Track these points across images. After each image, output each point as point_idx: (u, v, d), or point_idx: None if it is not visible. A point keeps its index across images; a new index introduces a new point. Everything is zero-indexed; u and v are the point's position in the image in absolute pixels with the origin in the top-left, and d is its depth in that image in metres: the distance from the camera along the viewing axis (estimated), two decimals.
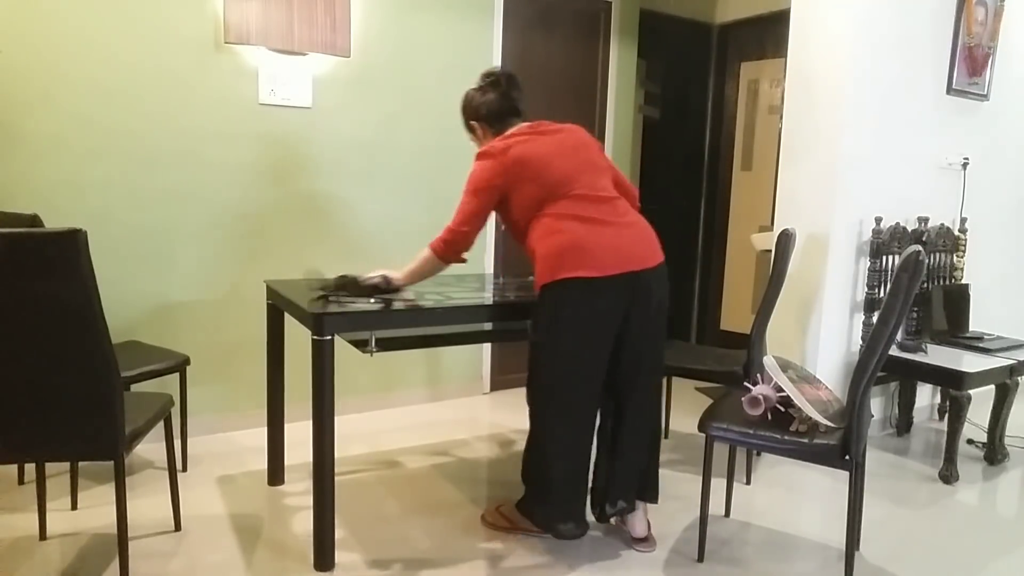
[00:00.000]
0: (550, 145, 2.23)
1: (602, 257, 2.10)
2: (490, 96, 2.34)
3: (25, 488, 2.59)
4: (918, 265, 1.92)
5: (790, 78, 3.30)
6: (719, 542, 2.41)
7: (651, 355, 2.27)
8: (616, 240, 2.15)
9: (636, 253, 2.16)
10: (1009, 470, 3.16)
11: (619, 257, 2.12)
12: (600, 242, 2.12)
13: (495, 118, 2.34)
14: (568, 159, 2.21)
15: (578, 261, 2.10)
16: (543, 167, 2.18)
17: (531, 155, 2.19)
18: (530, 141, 2.22)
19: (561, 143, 2.25)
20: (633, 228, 2.21)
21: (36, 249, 1.73)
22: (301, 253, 3.34)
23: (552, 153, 2.21)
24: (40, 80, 2.73)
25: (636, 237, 2.20)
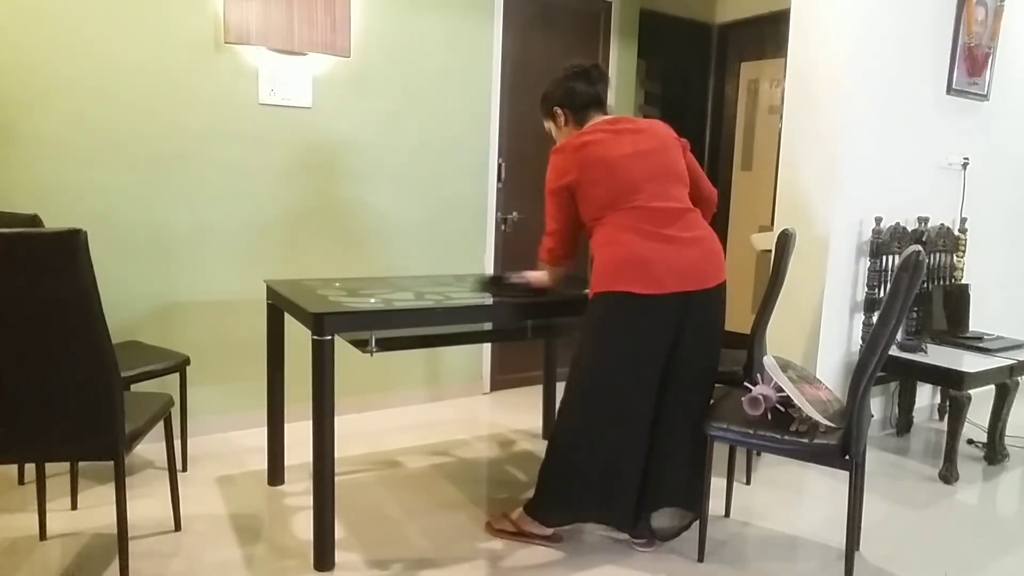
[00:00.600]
0: (625, 147, 2.17)
1: (657, 275, 2.07)
2: (579, 84, 2.29)
3: (25, 488, 2.59)
4: (918, 265, 1.92)
5: (790, 78, 3.30)
6: (719, 542, 2.41)
7: (700, 372, 2.24)
8: (675, 258, 2.11)
9: (694, 273, 2.13)
10: (1009, 470, 3.16)
11: (675, 276, 2.09)
12: (658, 259, 2.09)
13: (580, 106, 2.29)
14: (641, 164, 2.15)
15: (632, 276, 2.08)
16: (613, 170, 2.14)
17: (603, 155, 2.15)
18: (606, 140, 2.17)
19: (637, 145, 2.18)
20: (696, 246, 2.16)
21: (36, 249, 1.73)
22: (301, 253, 3.34)
23: (625, 156, 2.15)
24: (40, 80, 2.73)
25: (697, 256, 2.15)
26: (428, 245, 3.70)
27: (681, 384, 2.21)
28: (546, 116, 2.39)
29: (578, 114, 2.29)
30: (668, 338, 2.15)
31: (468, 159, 3.77)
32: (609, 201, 2.14)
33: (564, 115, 2.32)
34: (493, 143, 3.84)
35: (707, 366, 2.28)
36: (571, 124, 2.31)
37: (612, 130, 2.20)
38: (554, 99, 2.33)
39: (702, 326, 2.18)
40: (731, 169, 4.92)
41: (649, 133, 2.23)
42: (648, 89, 4.93)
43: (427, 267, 3.67)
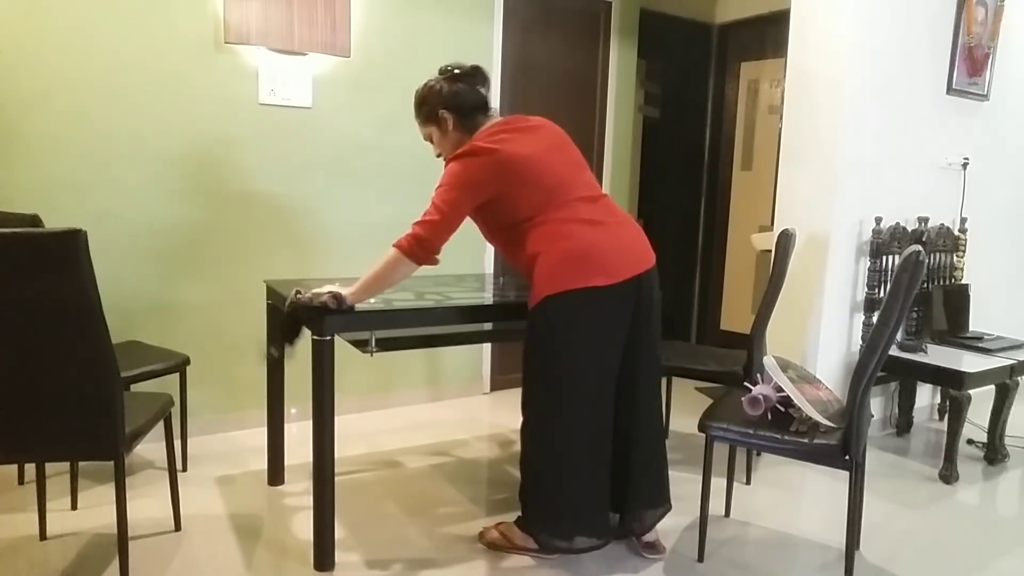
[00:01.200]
0: (537, 144, 2.10)
1: (613, 263, 2.03)
2: (462, 86, 2.16)
3: (25, 488, 2.59)
4: (918, 265, 1.92)
5: (790, 78, 3.30)
6: (719, 542, 2.41)
7: (652, 356, 2.23)
8: (619, 242, 2.08)
9: (638, 255, 2.12)
10: (1009, 470, 3.16)
11: (626, 261, 2.07)
12: (609, 246, 2.05)
13: (468, 110, 2.15)
14: (559, 158, 2.12)
15: (591, 269, 2.01)
16: (540, 168, 2.06)
17: (524, 155, 2.05)
18: (516, 140, 2.07)
19: (546, 141, 2.13)
20: (628, 227, 2.15)
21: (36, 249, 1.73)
22: (301, 253, 3.34)
23: (543, 152, 2.09)
24: (40, 80, 2.73)
25: (634, 237, 2.15)
26: None
27: (639, 373, 2.18)
28: (427, 121, 2.22)
29: (466, 119, 2.15)
30: (626, 326, 2.11)
31: None
32: (545, 199, 2.05)
33: (451, 120, 2.16)
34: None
35: (656, 354, 2.24)
36: (458, 130, 2.16)
37: (514, 129, 2.10)
38: (438, 102, 2.16)
39: (651, 309, 2.16)
40: (731, 169, 4.92)
41: (548, 129, 2.18)
42: (648, 89, 4.93)
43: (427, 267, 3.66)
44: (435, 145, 2.26)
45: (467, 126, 2.16)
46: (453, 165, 2.09)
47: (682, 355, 3.15)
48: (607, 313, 2.06)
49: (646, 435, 2.23)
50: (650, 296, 2.15)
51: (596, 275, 2.01)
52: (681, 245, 5.08)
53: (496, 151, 2.04)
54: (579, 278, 2.01)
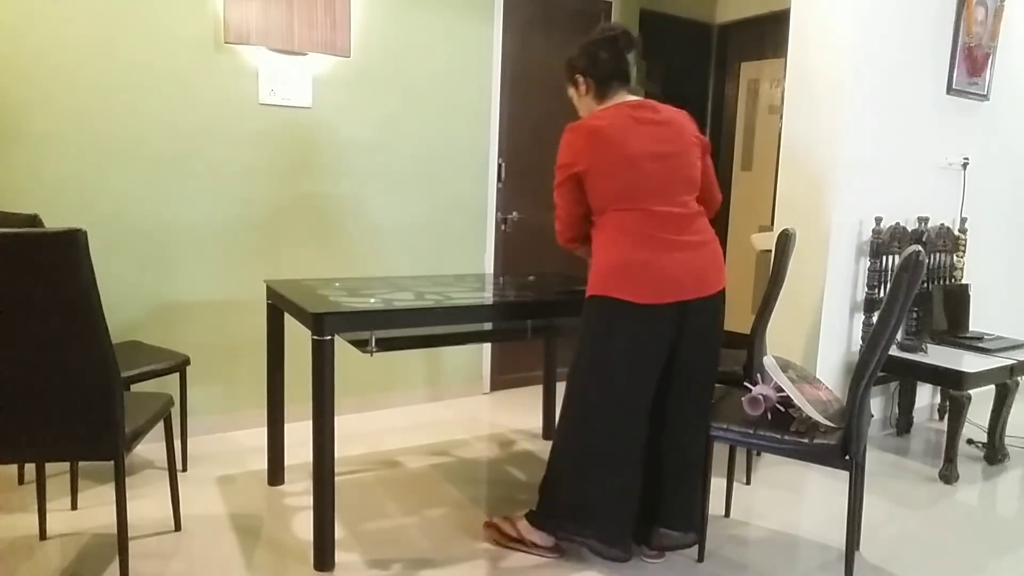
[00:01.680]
0: (644, 141, 2.05)
1: (655, 284, 2.01)
2: (604, 52, 2.14)
3: (25, 488, 2.59)
4: (918, 265, 1.92)
5: (790, 78, 3.30)
6: (719, 542, 2.41)
7: (699, 384, 2.19)
8: (677, 266, 2.04)
9: (694, 281, 2.06)
10: (1009, 470, 3.16)
11: (673, 285, 2.03)
12: (657, 267, 2.02)
13: (603, 77, 2.15)
14: (656, 166, 2.05)
15: (628, 284, 2.01)
16: (627, 166, 2.03)
17: (620, 147, 2.03)
18: (625, 128, 2.05)
19: (657, 142, 2.06)
20: (700, 252, 2.09)
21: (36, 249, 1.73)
22: (301, 253, 3.34)
23: (643, 154, 2.04)
24: (40, 80, 2.73)
25: (700, 263, 2.08)
26: (428, 245, 3.70)
27: (680, 396, 2.16)
28: (568, 82, 2.26)
29: (600, 86, 2.15)
30: (665, 348, 2.09)
31: (468, 159, 3.77)
32: (616, 197, 2.05)
33: (586, 84, 2.18)
34: (493, 143, 3.84)
35: (706, 378, 2.21)
36: (591, 95, 2.18)
37: (633, 117, 2.07)
38: (577, 66, 2.19)
39: (700, 336, 2.11)
40: (731, 169, 4.91)
41: (672, 128, 2.11)
42: (648, 89, 4.88)
43: (427, 267, 3.67)
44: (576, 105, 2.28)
45: (600, 93, 2.17)
46: (563, 138, 2.14)
47: None
48: (639, 330, 2.05)
49: (681, 459, 2.20)
50: (700, 324, 2.10)
51: (631, 290, 2.01)
52: None
53: (595, 132, 2.06)
54: (613, 288, 2.03)
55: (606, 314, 2.06)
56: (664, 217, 2.05)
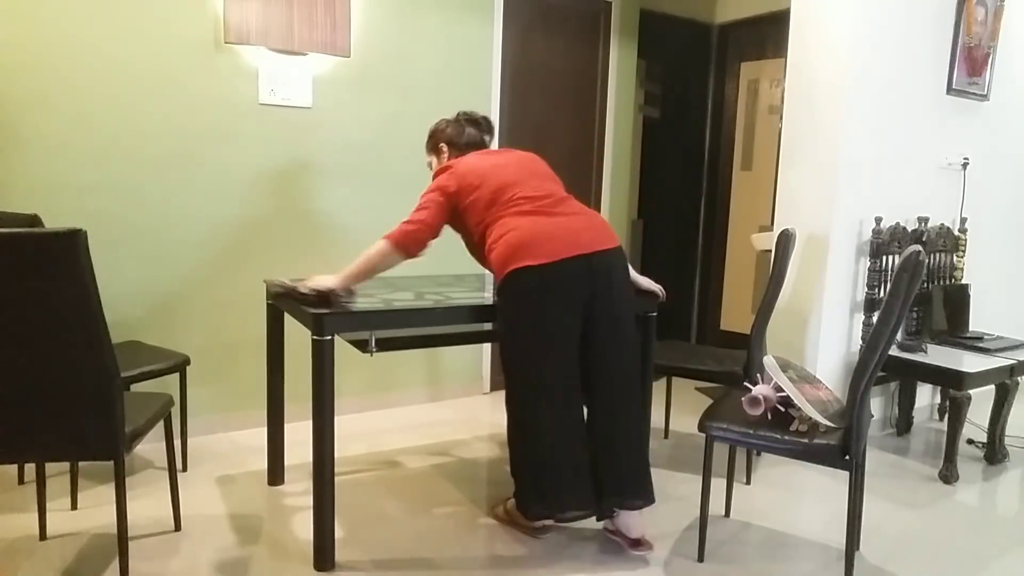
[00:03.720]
0: (495, 157, 2.40)
1: (550, 244, 2.15)
2: (470, 129, 2.56)
3: (25, 488, 2.59)
4: (918, 265, 1.92)
5: (790, 78, 3.30)
6: (719, 542, 2.41)
7: (623, 342, 2.26)
8: (564, 228, 2.19)
9: (586, 238, 2.20)
10: (1009, 470, 3.16)
11: (568, 243, 2.16)
12: (547, 231, 2.17)
13: (464, 146, 2.53)
14: (512, 168, 2.34)
15: (527, 251, 2.14)
16: (488, 174, 2.31)
17: (476, 168, 2.34)
18: (473, 159, 2.40)
19: (505, 156, 2.42)
20: (582, 216, 2.27)
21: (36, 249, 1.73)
22: (301, 253, 3.34)
23: (496, 163, 2.35)
24: (40, 80, 2.73)
25: (585, 224, 2.24)
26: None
27: (605, 361, 2.23)
28: (430, 151, 2.60)
29: (461, 153, 2.50)
30: (579, 306, 2.18)
31: None
32: (490, 200, 2.27)
33: (448, 152, 2.53)
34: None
35: (629, 337, 2.28)
36: (451, 159, 2.50)
37: (479, 155, 2.45)
38: (442, 137, 2.56)
39: (610, 290, 2.22)
40: (731, 169, 4.92)
41: (512, 154, 2.45)
42: (648, 89, 4.93)
43: (427, 267, 3.67)
44: (431, 169, 2.55)
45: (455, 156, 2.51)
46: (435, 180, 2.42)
47: (682, 355, 3.15)
48: (549, 292, 2.15)
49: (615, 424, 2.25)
50: (607, 277, 2.21)
51: (531, 256, 2.14)
52: (681, 245, 5.08)
53: (453, 166, 2.38)
54: (516, 260, 2.15)
55: (515, 287, 2.17)
56: (536, 199, 2.26)
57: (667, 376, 3.19)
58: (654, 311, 2.64)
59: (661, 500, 2.70)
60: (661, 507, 2.63)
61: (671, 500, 2.71)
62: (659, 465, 3.04)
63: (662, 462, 3.09)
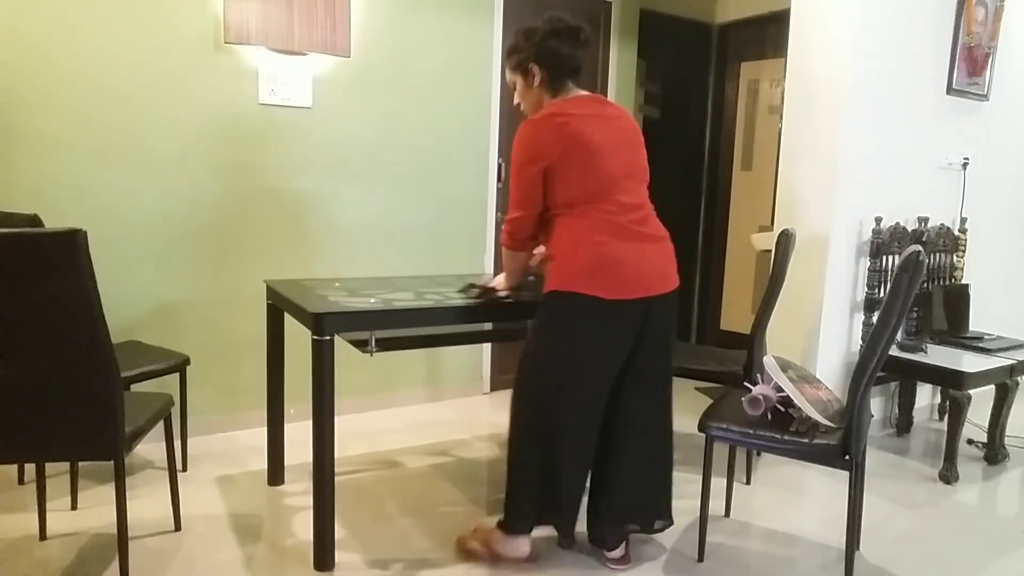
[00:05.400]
0: (610, 132, 2.02)
1: (625, 279, 1.98)
2: (564, 45, 2.03)
3: (25, 488, 2.59)
4: (918, 265, 1.92)
5: (790, 78, 3.30)
6: (719, 542, 2.41)
7: (659, 375, 2.17)
8: (642, 260, 2.02)
9: (658, 276, 2.06)
10: (1009, 470, 3.16)
11: (641, 280, 2.01)
12: (627, 261, 1.99)
13: (560, 71, 2.05)
14: (620, 156, 2.03)
15: (600, 279, 1.97)
16: (596, 158, 1.97)
17: (589, 139, 1.96)
18: (591, 120, 2.00)
19: (620, 133, 2.05)
20: (660, 246, 2.10)
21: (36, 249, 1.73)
22: (301, 253, 3.34)
23: (611, 144, 2.01)
24: (40, 80, 2.73)
25: (662, 258, 2.09)
26: (428, 245, 3.69)
27: (638, 391, 2.13)
28: (515, 70, 2.10)
29: (555, 80, 2.05)
30: (628, 345, 2.06)
31: (468, 159, 3.77)
32: (585, 192, 1.99)
33: (539, 76, 2.05)
34: (493, 143, 3.84)
35: (665, 373, 2.20)
36: (543, 88, 2.07)
37: (597, 113, 2.03)
38: (531, 55, 2.04)
39: (661, 332, 2.10)
40: (731, 169, 4.92)
41: (625, 123, 2.11)
42: (648, 89, 4.93)
43: (427, 267, 3.67)
44: (517, 94, 2.17)
45: (554, 86, 2.07)
46: (520, 134, 2.03)
47: (682, 355, 3.15)
48: (607, 326, 2.01)
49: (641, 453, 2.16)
50: (660, 320, 2.09)
51: (603, 287, 1.97)
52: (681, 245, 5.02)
53: (565, 123, 1.96)
54: (584, 284, 1.98)
55: (572, 310, 2.00)
56: (630, 209, 2.03)
57: None
58: None
59: None
60: None
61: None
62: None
63: None
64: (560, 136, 1.96)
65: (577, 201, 2.01)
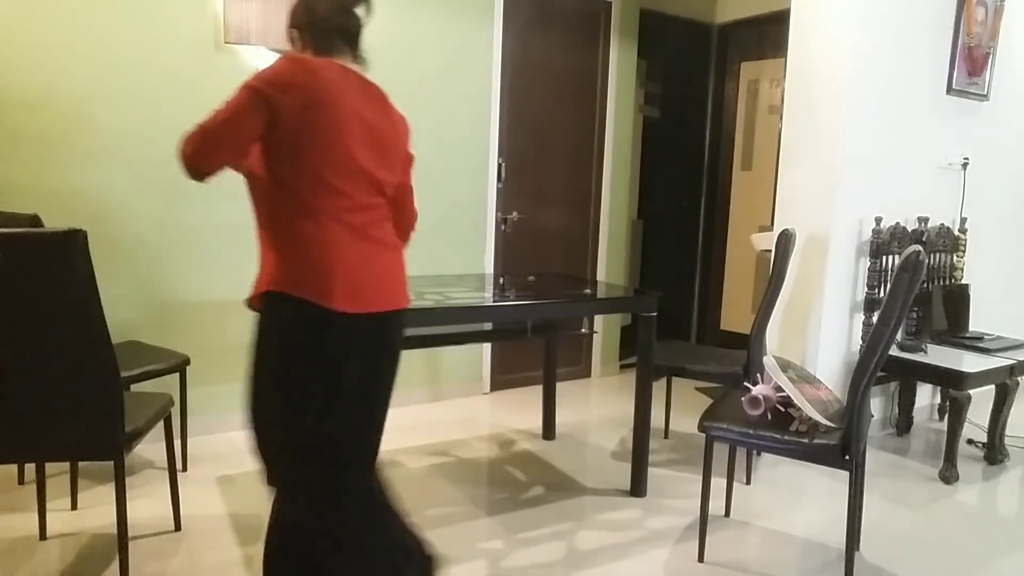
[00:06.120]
0: (370, 114, 1.69)
1: (363, 288, 1.63)
2: (322, 5, 1.73)
3: (25, 488, 2.59)
4: (918, 265, 1.92)
5: (790, 78, 3.30)
6: (719, 542, 2.41)
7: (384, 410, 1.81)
8: (379, 269, 1.69)
9: (392, 288, 1.73)
10: (1009, 470, 3.16)
11: (378, 291, 1.67)
12: (365, 269, 1.65)
13: (327, 32, 1.73)
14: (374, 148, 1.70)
15: (335, 286, 1.58)
16: (344, 132, 1.60)
17: (343, 106, 1.61)
18: (354, 90, 1.68)
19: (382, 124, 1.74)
20: (395, 256, 1.78)
21: (36, 249, 1.73)
22: None
23: (366, 127, 1.67)
24: (40, 80, 2.73)
25: (398, 271, 1.78)
26: (428, 245, 3.70)
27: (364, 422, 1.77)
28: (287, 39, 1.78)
29: (320, 44, 1.73)
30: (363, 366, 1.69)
31: (468, 159, 3.77)
32: (319, 171, 1.58)
33: (303, 42, 1.73)
34: (493, 143, 3.84)
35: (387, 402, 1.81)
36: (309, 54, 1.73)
37: (363, 92, 1.71)
38: (296, 18, 1.75)
39: (392, 355, 1.78)
40: (731, 169, 4.92)
41: (397, 119, 1.84)
42: (648, 89, 4.93)
43: (427, 267, 3.67)
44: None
45: (320, 52, 1.73)
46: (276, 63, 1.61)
47: (682, 355, 3.15)
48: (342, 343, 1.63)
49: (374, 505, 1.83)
50: (392, 339, 1.77)
51: (338, 295, 1.58)
52: (681, 245, 5.08)
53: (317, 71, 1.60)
54: (314, 289, 1.58)
55: (291, 315, 1.60)
56: (369, 209, 1.69)
57: (667, 376, 3.19)
58: (654, 311, 2.64)
59: (661, 499, 2.70)
60: (661, 507, 2.63)
61: (671, 500, 2.71)
62: (659, 465, 3.04)
63: (662, 462, 3.09)
64: (310, 81, 1.58)
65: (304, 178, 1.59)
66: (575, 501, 2.68)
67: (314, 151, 1.59)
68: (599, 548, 2.34)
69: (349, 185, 1.64)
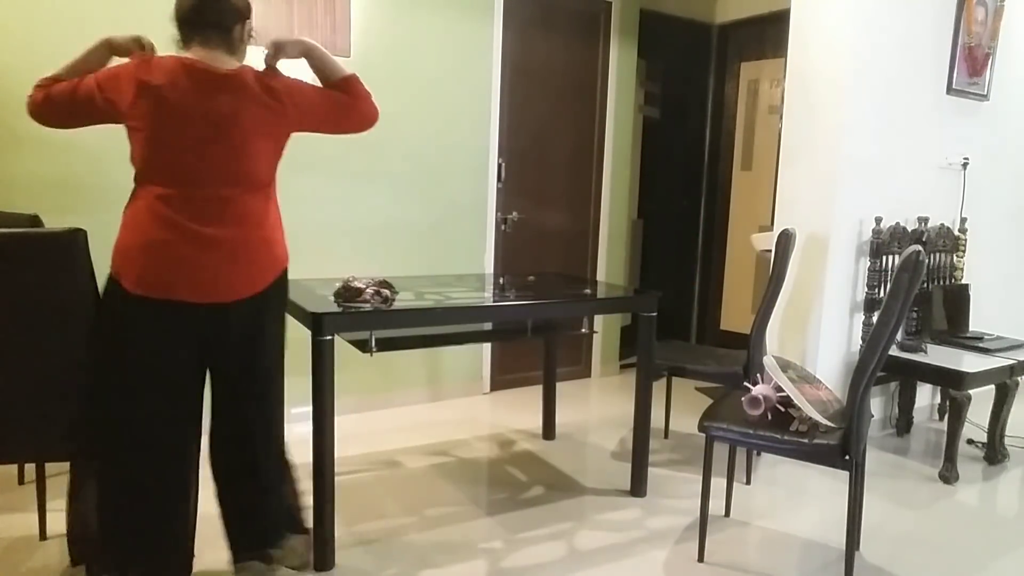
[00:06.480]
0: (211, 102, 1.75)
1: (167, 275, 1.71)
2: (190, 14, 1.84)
3: (25, 488, 2.59)
4: (918, 265, 1.92)
5: (790, 78, 3.30)
6: (719, 542, 2.41)
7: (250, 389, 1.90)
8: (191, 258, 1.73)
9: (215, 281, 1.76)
10: (1009, 470, 3.16)
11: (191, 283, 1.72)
12: (175, 257, 1.72)
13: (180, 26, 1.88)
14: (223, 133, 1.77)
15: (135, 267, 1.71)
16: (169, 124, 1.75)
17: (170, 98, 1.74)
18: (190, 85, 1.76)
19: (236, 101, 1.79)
20: (224, 248, 1.76)
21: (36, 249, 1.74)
22: (300, 252, 3.32)
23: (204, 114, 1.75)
24: None
25: (220, 262, 1.76)
26: (428, 245, 3.70)
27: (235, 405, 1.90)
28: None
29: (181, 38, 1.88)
30: (188, 352, 1.78)
31: (468, 159, 3.77)
32: (143, 161, 1.82)
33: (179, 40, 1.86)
34: (493, 143, 3.84)
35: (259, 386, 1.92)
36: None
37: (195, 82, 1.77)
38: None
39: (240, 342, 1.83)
40: (731, 169, 4.92)
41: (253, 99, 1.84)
42: (648, 89, 4.93)
43: (427, 267, 3.67)
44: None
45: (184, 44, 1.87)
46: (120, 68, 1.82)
47: (682, 355, 3.15)
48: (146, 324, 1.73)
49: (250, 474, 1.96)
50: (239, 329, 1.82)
51: (134, 277, 1.70)
52: (681, 245, 5.08)
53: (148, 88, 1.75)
54: (122, 269, 1.72)
55: (110, 297, 1.74)
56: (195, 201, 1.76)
57: (667, 376, 3.20)
58: (654, 311, 2.64)
59: (661, 499, 2.70)
60: (661, 507, 2.63)
61: (671, 500, 2.71)
62: (659, 465, 3.04)
63: (662, 462, 3.09)
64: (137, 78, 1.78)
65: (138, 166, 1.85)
66: (575, 501, 2.69)
67: (135, 142, 1.82)
68: (599, 548, 2.34)
69: (165, 175, 1.80)
